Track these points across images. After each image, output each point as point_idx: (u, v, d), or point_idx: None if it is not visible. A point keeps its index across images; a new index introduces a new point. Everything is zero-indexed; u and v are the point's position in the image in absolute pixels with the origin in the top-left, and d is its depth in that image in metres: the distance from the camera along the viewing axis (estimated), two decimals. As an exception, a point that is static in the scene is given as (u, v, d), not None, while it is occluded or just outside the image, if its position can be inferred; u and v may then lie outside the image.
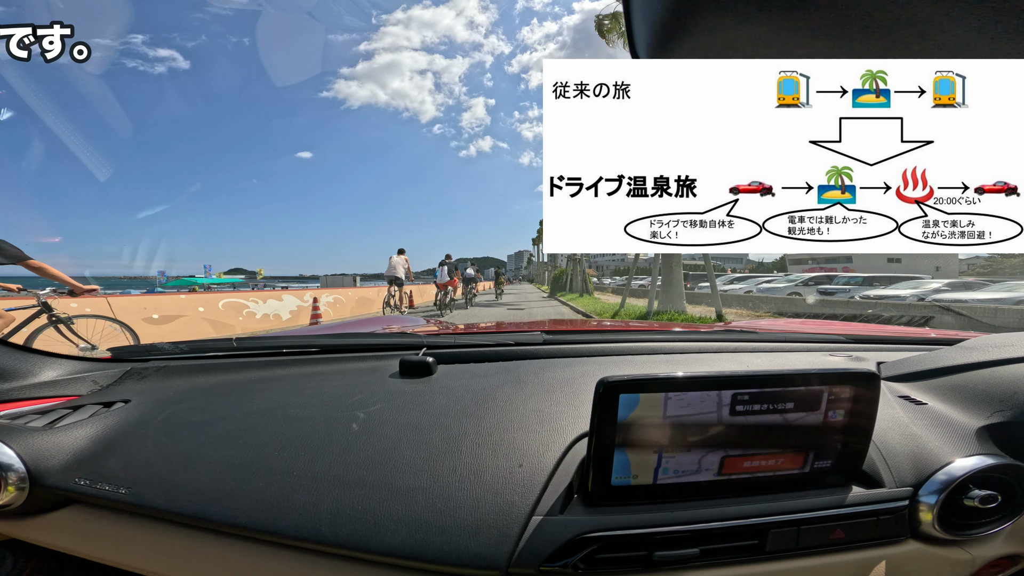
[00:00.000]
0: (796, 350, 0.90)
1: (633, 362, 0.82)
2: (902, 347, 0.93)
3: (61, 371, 0.73)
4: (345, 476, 0.52)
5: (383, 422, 0.60)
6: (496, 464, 0.53)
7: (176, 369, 0.79)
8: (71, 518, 0.56)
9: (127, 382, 0.75)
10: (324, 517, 0.48)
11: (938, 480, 0.52)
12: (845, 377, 0.50)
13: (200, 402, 0.67)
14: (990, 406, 0.60)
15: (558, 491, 0.50)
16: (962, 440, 0.57)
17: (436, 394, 0.67)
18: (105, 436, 0.60)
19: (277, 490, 0.51)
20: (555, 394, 0.66)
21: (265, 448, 0.56)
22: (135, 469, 0.55)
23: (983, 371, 0.65)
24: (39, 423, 0.60)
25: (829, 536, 0.51)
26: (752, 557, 0.50)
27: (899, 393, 0.68)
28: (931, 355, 0.74)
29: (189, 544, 0.52)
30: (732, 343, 0.92)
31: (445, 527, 0.47)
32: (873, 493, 0.53)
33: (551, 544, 0.47)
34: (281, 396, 0.68)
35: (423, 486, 0.50)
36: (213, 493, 0.52)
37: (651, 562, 0.48)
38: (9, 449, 0.54)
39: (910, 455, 0.56)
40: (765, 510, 0.50)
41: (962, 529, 0.52)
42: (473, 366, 0.78)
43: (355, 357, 0.83)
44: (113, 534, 0.54)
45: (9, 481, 0.53)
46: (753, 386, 0.48)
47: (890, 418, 0.61)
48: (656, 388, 0.47)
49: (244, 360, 0.83)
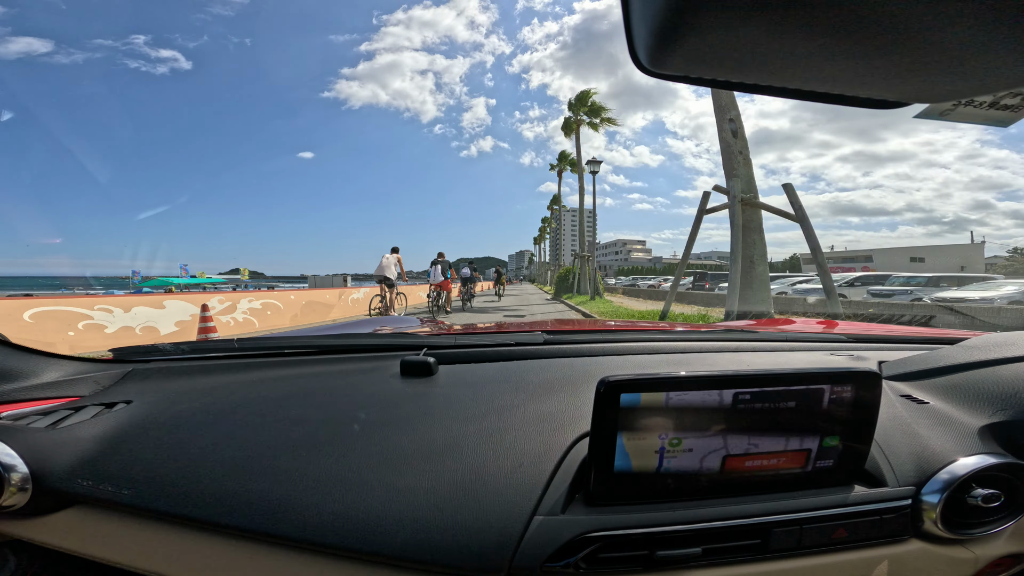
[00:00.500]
0: (797, 349, 0.90)
1: (634, 362, 0.82)
2: (904, 346, 0.93)
3: (63, 372, 0.73)
4: (346, 476, 0.52)
5: (384, 422, 0.60)
6: (497, 464, 0.53)
7: (177, 370, 0.79)
8: (73, 519, 0.56)
9: (129, 383, 0.75)
10: (326, 517, 0.48)
11: (941, 479, 0.52)
12: (847, 376, 0.50)
13: (201, 403, 0.67)
14: (992, 405, 0.59)
15: (559, 491, 0.50)
16: (965, 439, 0.57)
17: (437, 394, 0.67)
18: (107, 437, 0.60)
19: (279, 491, 0.51)
20: (556, 394, 0.66)
21: (266, 449, 0.56)
22: (137, 470, 0.55)
23: (985, 370, 0.65)
24: (42, 424, 0.60)
25: (831, 535, 0.50)
26: (754, 556, 0.50)
27: (901, 392, 0.68)
28: (933, 354, 0.74)
29: (191, 545, 0.52)
30: (733, 342, 0.92)
31: (447, 527, 0.47)
32: (876, 492, 0.53)
33: (553, 544, 0.47)
34: (283, 397, 0.68)
35: (425, 486, 0.50)
36: (215, 494, 0.52)
37: (653, 561, 0.48)
38: (12, 450, 0.54)
39: (912, 454, 0.56)
40: (767, 509, 0.50)
41: (965, 528, 0.52)
42: (474, 366, 0.79)
43: (356, 358, 0.84)
44: (115, 535, 0.54)
45: (12, 482, 0.53)
46: (755, 385, 0.48)
47: (892, 417, 0.61)
48: (657, 387, 0.47)
49: (246, 361, 0.83)
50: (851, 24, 0.18)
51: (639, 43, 0.21)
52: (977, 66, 0.20)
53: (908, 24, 0.18)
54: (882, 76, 0.22)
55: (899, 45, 0.19)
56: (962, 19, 0.17)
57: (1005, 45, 0.18)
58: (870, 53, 0.20)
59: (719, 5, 0.17)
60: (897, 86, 0.23)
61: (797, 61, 0.21)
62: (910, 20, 0.17)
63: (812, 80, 0.23)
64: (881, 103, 0.25)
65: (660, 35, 0.19)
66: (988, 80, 0.21)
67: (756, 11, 0.17)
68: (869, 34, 0.18)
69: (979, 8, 0.16)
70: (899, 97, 0.24)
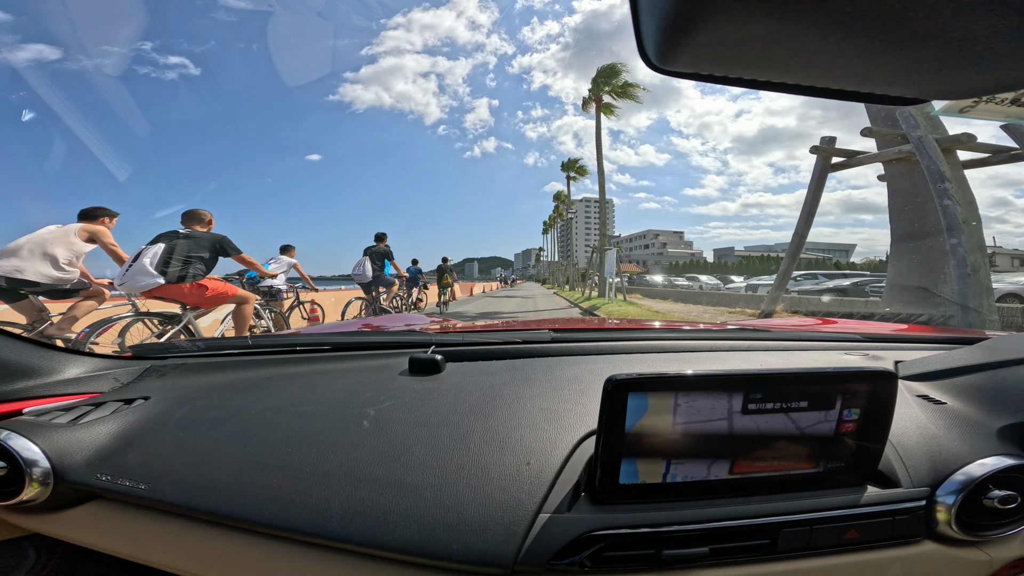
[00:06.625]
0: (811, 349, 0.89)
1: (643, 360, 0.81)
2: (921, 346, 0.91)
3: (84, 368, 0.75)
4: (356, 472, 0.53)
5: (393, 419, 0.61)
6: (504, 461, 0.53)
7: (194, 367, 0.81)
8: (92, 513, 0.57)
9: (147, 379, 0.77)
10: (335, 513, 0.49)
11: (956, 480, 0.51)
12: (861, 376, 0.49)
13: (216, 399, 0.69)
14: (1011, 406, 0.58)
15: (565, 489, 0.50)
16: (982, 440, 0.56)
17: (445, 391, 0.67)
18: (126, 433, 0.61)
19: (290, 486, 0.52)
20: (563, 392, 0.66)
21: (278, 445, 0.57)
22: (154, 465, 0.57)
23: (1004, 370, 0.64)
24: (63, 420, 0.62)
25: (843, 536, 0.50)
26: (763, 556, 0.49)
27: (917, 392, 0.67)
28: (951, 354, 0.72)
29: (204, 539, 0.53)
30: (745, 341, 0.91)
31: (453, 524, 0.47)
32: (889, 493, 0.52)
33: (558, 541, 0.47)
34: (294, 393, 0.69)
35: (432, 483, 0.51)
36: (228, 489, 0.53)
37: (659, 561, 0.47)
38: (35, 445, 0.56)
39: (928, 455, 0.55)
40: (777, 509, 0.50)
41: (980, 530, 0.51)
42: (481, 364, 0.79)
43: (366, 355, 0.84)
44: (132, 529, 0.55)
45: (34, 477, 0.54)
46: (766, 384, 0.48)
47: (908, 418, 0.60)
48: (666, 386, 0.47)
49: (259, 358, 0.84)
50: (869, 19, 0.17)
51: (648, 40, 0.20)
52: (1000, 62, 0.19)
53: (929, 19, 0.17)
54: (901, 72, 0.21)
55: (920, 40, 0.18)
56: (985, 13, 0.16)
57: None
58: (889, 49, 0.19)
59: (729, 0, 0.17)
60: (917, 82, 0.22)
61: (811, 57, 0.20)
62: (931, 15, 0.17)
63: (826, 77, 0.22)
64: (899, 100, 0.25)
65: (669, 32, 0.19)
66: (1011, 76, 0.20)
67: (768, 6, 0.17)
68: (887, 29, 0.18)
69: (1003, 2, 0.16)
70: (918, 94, 0.24)
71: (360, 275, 6.04)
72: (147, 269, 2.77)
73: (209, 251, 3.07)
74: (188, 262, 2.94)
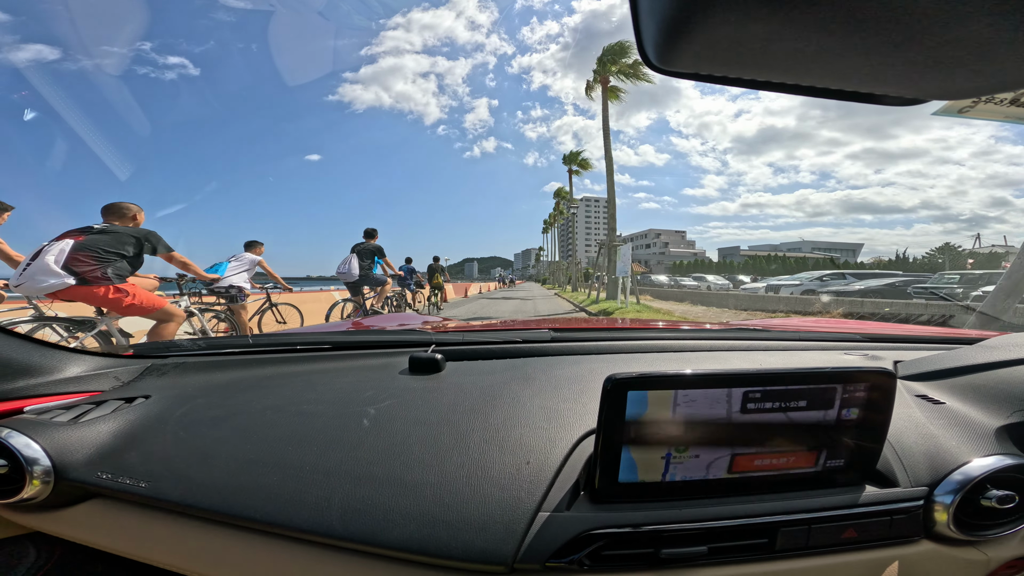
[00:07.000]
0: (811, 349, 0.89)
1: (642, 359, 0.81)
2: (920, 346, 0.91)
3: (85, 367, 0.75)
4: (356, 471, 0.53)
5: (393, 418, 0.61)
6: (503, 460, 0.53)
7: (194, 365, 0.81)
8: (92, 511, 0.57)
9: (147, 378, 0.77)
10: (335, 511, 0.49)
11: (955, 480, 0.52)
12: (860, 375, 0.49)
13: (217, 398, 0.69)
14: (1010, 406, 0.58)
15: (565, 488, 0.51)
16: (980, 440, 0.56)
17: (445, 390, 0.68)
18: (127, 431, 0.62)
19: (290, 484, 0.52)
20: (563, 391, 0.66)
21: (279, 443, 0.57)
22: (154, 463, 0.57)
23: (1003, 370, 0.64)
24: (64, 418, 0.62)
25: (841, 535, 0.50)
26: (761, 556, 0.49)
27: (916, 392, 0.67)
28: (950, 354, 0.72)
29: (205, 537, 0.53)
30: (744, 341, 0.91)
31: (452, 522, 0.47)
32: (887, 492, 0.52)
33: (557, 540, 0.47)
34: (295, 392, 0.70)
35: (431, 481, 0.51)
36: (229, 487, 0.53)
37: (658, 559, 0.47)
38: (36, 444, 0.56)
39: (926, 454, 0.55)
40: (775, 508, 0.50)
41: (978, 530, 0.51)
42: (481, 363, 0.79)
43: (366, 354, 0.85)
44: (132, 527, 0.55)
45: (35, 475, 0.54)
46: (765, 384, 0.48)
47: (906, 417, 0.60)
48: (665, 385, 0.47)
49: (259, 356, 0.84)
50: (868, 19, 0.17)
51: (648, 40, 0.20)
52: (999, 62, 0.19)
53: (928, 19, 0.17)
54: (900, 73, 0.21)
55: (918, 41, 0.18)
56: (983, 14, 0.16)
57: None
58: (887, 49, 0.19)
59: (730, 0, 0.17)
60: (915, 83, 0.22)
61: (810, 57, 0.20)
62: (930, 15, 0.17)
63: (826, 77, 0.22)
64: (898, 100, 0.25)
65: (669, 32, 0.19)
66: (1010, 77, 0.21)
67: (767, 6, 0.17)
68: (886, 29, 0.18)
69: (1003, 2, 0.16)
70: (917, 94, 0.24)
71: (345, 273, 5.50)
72: (51, 268, 2.36)
73: (134, 248, 2.63)
74: (106, 260, 2.51)
